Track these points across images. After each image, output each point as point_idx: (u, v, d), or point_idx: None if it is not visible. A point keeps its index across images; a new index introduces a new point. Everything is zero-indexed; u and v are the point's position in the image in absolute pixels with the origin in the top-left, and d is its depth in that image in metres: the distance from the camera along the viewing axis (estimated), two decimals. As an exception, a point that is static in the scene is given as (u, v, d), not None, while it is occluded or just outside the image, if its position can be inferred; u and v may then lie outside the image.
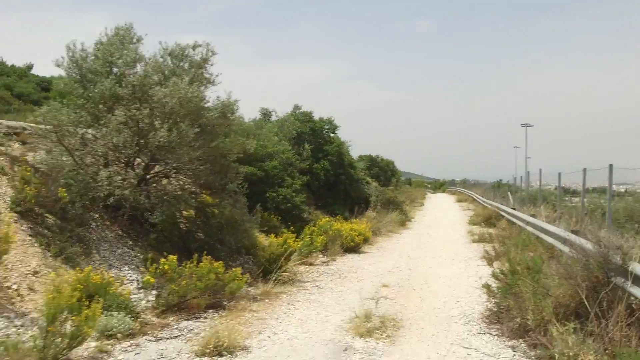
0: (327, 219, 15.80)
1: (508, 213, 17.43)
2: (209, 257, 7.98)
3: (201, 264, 7.72)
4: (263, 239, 12.11)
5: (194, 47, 9.95)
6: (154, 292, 7.73)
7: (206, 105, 9.99)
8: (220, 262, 8.01)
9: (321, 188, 21.40)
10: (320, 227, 14.13)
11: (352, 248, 13.97)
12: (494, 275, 7.61)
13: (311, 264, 11.85)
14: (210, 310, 7.69)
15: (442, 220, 24.32)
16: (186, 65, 10.18)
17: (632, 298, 5.87)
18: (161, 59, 9.85)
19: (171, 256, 7.59)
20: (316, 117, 22.98)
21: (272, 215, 14.09)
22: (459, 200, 42.01)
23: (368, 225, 16.15)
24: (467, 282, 9.62)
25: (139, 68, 9.77)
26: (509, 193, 26.11)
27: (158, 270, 7.42)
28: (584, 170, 12.59)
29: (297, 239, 12.24)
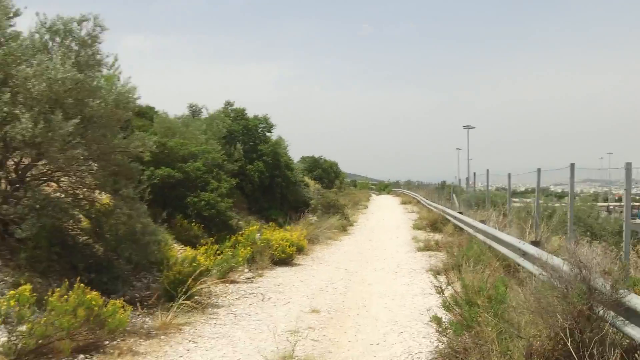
0: (256, 226, 14.04)
1: (455, 217, 16.14)
2: (82, 284, 6.10)
3: (69, 294, 5.86)
4: (181, 252, 10.29)
5: (79, 21, 8.02)
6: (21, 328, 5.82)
7: (97, 92, 8.08)
8: (96, 292, 6.15)
9: (255, 191, 19.66)
10: (247, 237, 12.36)
11: (284, 260, 12.25)
12: (444, 306, 6.03)
13: (233, 282, 10.06)
14: (82, 356, 5.83)
15: (385, 225, 22.96)
16: (74, 45, 8.27)
17: (628, 340, 4.46)
18: (37, 35, 7.89)
19: (24, 286, 5.67)
20: (250, 114, 21.26)
21: (193, 224, 12.24)
22: (404, 203, 41.00)
23: (303, 233, 14.48)
24: (412, 304, 8.08)
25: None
26: (453, 195, 25.03)
27: (3, 306, 5.50)
28: (539, 170, 11.34)
29: (218, 252, 10.49)
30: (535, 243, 7.82)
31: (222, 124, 18.42)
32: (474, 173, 21.94)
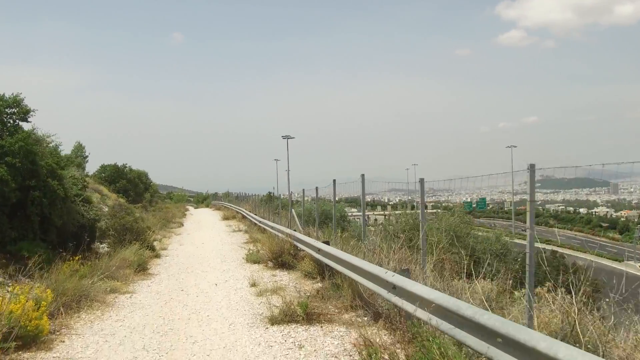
0: None
1: (319, 250, 9.83)
2: None
3: None
4: None
5: None
6: None
7: None
8: None
9: (-7, 212, 11.68)
10: None
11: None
12: None
13: None
14: None
15: (205, 255, 15.95)
16: None
17: None
18: None
19: None
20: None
21: None
22: (226, 218, 34.09)
23: (46, 297, 7.09)
24: None
25: None
26: (292, 211, 18.94)
27: None
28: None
29: None
30: None
31: None
32: (292, 191, 16.09)
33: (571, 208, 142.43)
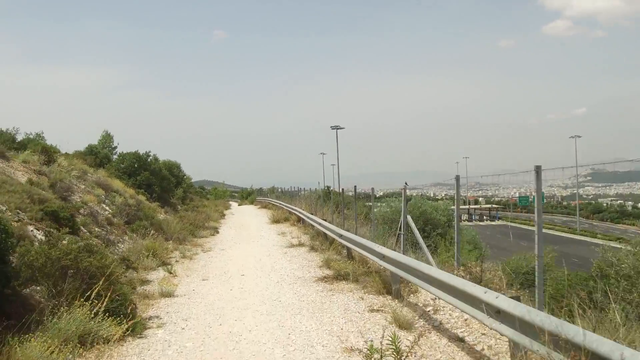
0: None
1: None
2: None
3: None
4: None
5: None
6: None
7: None
8: None
9: None
10: None
11: None
12: None
13: None
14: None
15: (247, 324, 6.66)
16: None
17: None
18: None
19: None
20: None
21: None
22: (276, 220, 24.77)
23: None
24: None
25: None
26: (409, 218, 9.51)
27: None
28: None
29: None
30: None
31: None
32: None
33: (630, 202, 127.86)
